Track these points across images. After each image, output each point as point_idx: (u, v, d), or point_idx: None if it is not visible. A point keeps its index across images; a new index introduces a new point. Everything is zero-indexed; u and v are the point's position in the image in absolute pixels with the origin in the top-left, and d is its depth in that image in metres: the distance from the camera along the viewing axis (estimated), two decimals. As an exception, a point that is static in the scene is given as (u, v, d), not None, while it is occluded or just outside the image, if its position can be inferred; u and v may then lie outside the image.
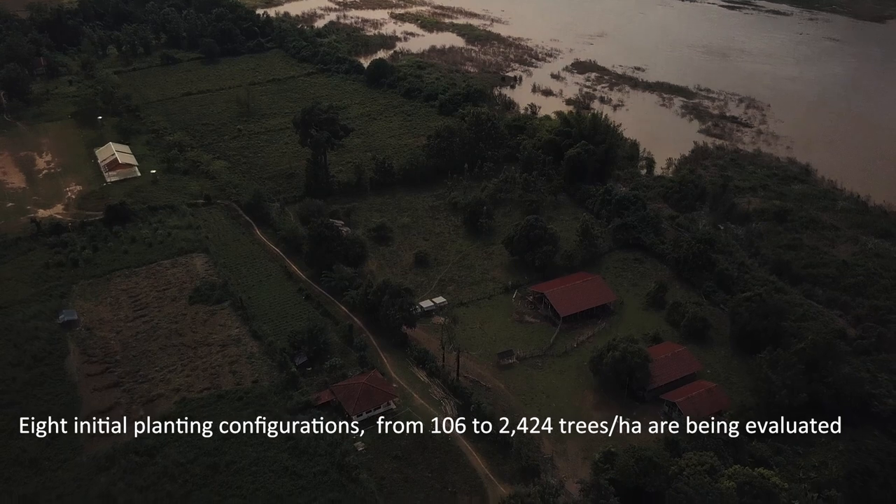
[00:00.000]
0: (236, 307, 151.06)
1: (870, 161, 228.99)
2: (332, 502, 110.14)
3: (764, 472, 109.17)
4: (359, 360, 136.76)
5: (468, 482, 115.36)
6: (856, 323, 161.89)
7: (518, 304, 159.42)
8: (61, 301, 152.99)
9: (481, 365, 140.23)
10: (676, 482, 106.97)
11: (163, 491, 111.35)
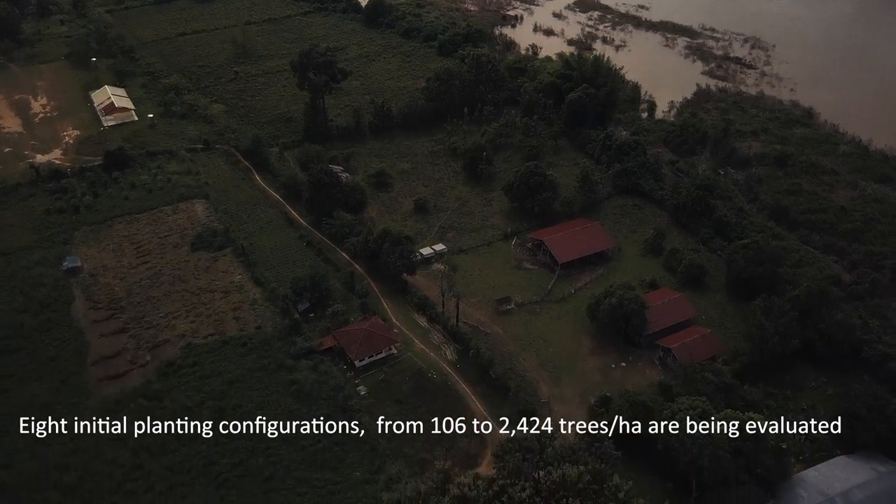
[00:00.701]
0: (238, 254, 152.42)
1: (874, 104, 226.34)
2: (336, 444, 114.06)
3: (754, 416, 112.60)
4: (360, 307, 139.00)
5: (467, 425, 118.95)
6: (851, 269, 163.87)
7: (517, 251, 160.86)
8: (64, 248, 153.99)
9: (480, 311, 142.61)
10: (670, 425, 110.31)
11: (171, 434, 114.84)
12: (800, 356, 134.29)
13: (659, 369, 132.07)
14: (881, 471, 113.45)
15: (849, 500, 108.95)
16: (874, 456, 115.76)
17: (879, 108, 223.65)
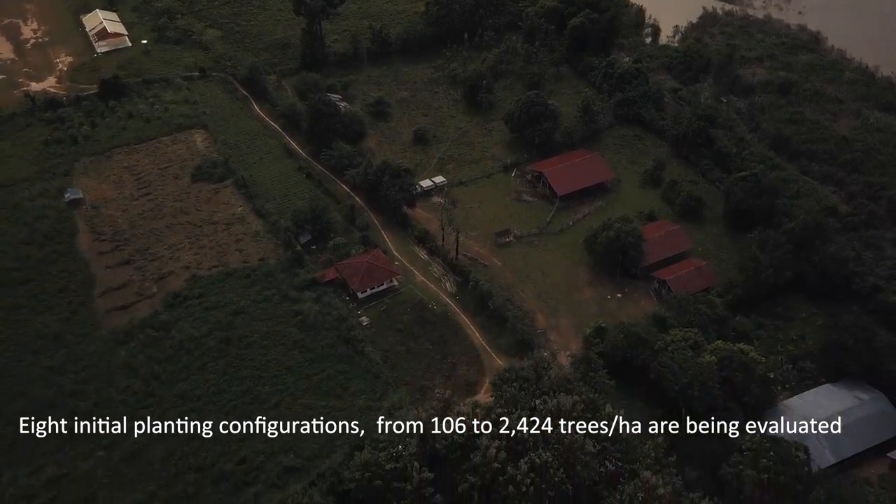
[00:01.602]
0: (239, 185, 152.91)
1: (884, 29, 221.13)
2: (341, 373, 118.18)
3: (743, 348, 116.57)
4: (361, 239, 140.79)
5: (466, 354, 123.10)
6: (849, 199, 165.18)
7: (516, 183, 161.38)
8: (65, 179, 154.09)
9: (480, 243, 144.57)
10: (661, 356, 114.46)
11: (180, 363, 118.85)
12: (792, 287, 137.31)
13: (654, 301, 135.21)
14: (864, 398, 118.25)
15: (830, 426, 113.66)
16: (858, 384, 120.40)
17: (888, 33, 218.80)
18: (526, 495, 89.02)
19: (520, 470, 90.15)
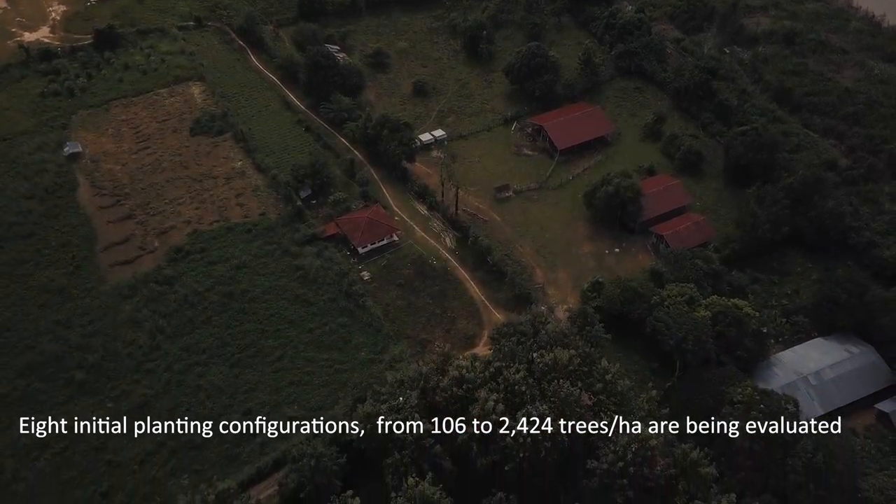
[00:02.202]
0: (238, 139, 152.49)
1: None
2: (342, 327, 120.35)
3: (738, 303, 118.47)
4: (361, 195, 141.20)
5: (466, 308, 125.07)
6: (849, 152, 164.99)
7: (516, 137, 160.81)
8: (63, 133, 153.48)
9: (479, 198, 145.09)
10: (657, 311, 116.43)
11: (184, 317, 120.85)
12: (789, 242, 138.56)
13: (651, 255, 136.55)
14: (854, 352, 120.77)
15: (820, 379, 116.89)
16: (849, 338, 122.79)
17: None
18: (523, 446, 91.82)
19: (517, 422, 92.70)
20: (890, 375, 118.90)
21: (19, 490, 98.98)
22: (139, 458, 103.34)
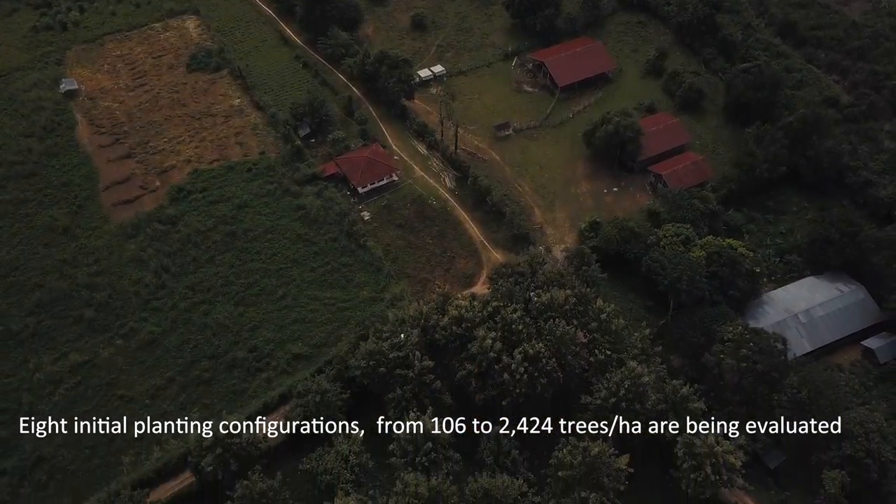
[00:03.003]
0: (235, 76, 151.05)
1: None
2: (344, 266, 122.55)
3: (732, 243, 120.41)
4: (360, 133, 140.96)
5: (465, 248, 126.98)
6: (851, 88, 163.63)
7: (517, 73, 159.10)
8: (58, 69, 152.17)
9: (479, 137, 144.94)
10: (653, 251, 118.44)
11: (188, 256, 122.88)
12: (786, 181, 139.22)
13: (649, 195, 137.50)
14: (844, 290, 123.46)
15: (810, 317, 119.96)
16: (839, 276, 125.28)
17: None
18: (520, 382, 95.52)
19: (514, 359, 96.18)
20: (877, 313, 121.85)
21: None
22: (150, 392, 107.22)
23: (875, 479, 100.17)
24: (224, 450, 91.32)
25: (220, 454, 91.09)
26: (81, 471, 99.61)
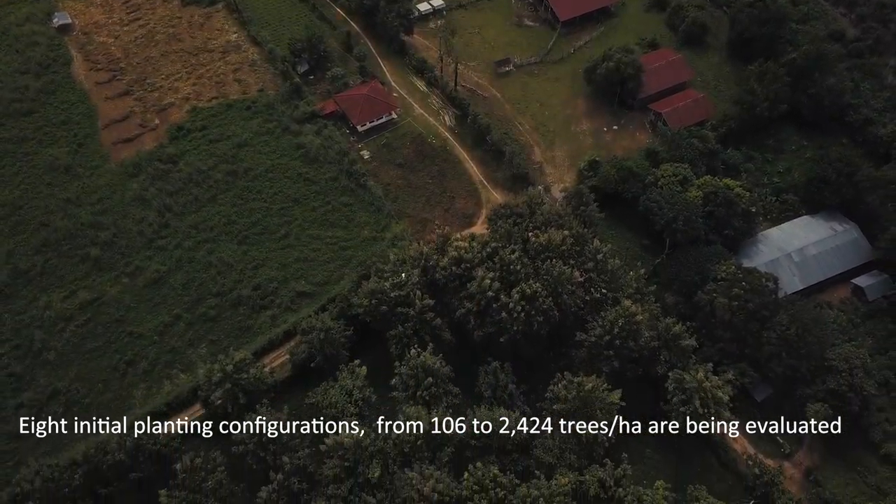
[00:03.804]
0: (231, 10, 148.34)
1: None
2: (345, 205, 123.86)
3: (729, 183, 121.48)
4: (359, 70, 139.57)
5: (464, 188, 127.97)
6: (858, 22, 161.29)
7: (517, 6, 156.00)
8: (50, 2, 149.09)
9: (479, 73, 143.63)
10: (650, 191, 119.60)
11: (190, 195, 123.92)
12: (786, 119, 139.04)
13: (649, 133, 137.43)
14: (838, 229, 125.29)
15: (803, 255, 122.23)
16: (834, 216, 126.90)
17: None
18: (517, 321, 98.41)
19: (512, 299, 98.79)
20: (869, 252, 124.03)
21: (50, 359, 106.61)
22: (158, 329, 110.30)
23: (856, 411, 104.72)
24: (233, 385, 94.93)
25: (229, 389, 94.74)
26: (95, 404, 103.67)
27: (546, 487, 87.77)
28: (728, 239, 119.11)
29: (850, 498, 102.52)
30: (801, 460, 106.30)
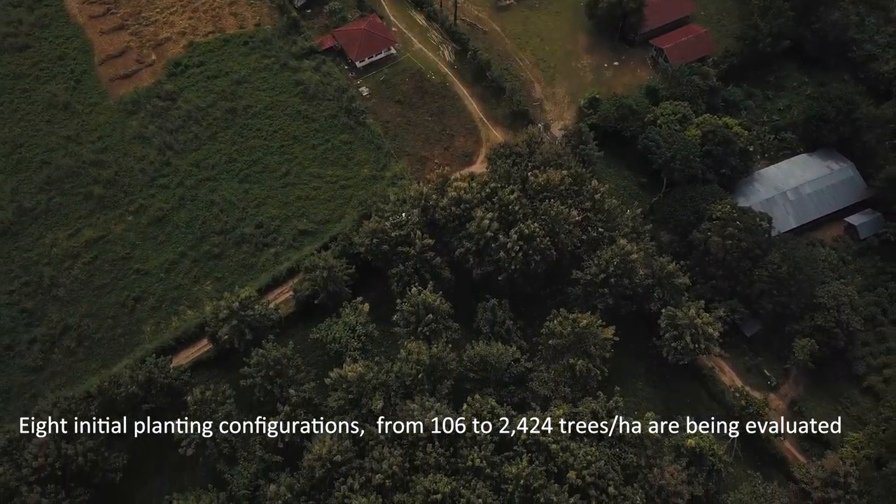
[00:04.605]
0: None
1: None
2: (344, 143, 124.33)
3: (728, 121, 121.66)
4: (357, 4, 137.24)
5: (464, 125, 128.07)
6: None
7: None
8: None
9: (479, 7, 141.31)
10: (650, 129, 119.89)
11: (190, 133, 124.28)
12: (788, 55, 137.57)
13: (650, 69, 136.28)
14: (834, 168, 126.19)
15: (798, 194, 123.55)
16: (831, 154, 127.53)
17: None
18: (515, 259, 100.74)
19: (510, 238, 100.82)
20: (864, 190, 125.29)
21: (60, 295, 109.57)
22: (164, 266, 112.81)
23: (842, 346, 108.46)
24: (239, 321, 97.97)
25: (236, 325, 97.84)
26: (106, 339, 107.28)
27: (541, 418, 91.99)
28: (725, 178, 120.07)
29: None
30: (787, 392, 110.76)
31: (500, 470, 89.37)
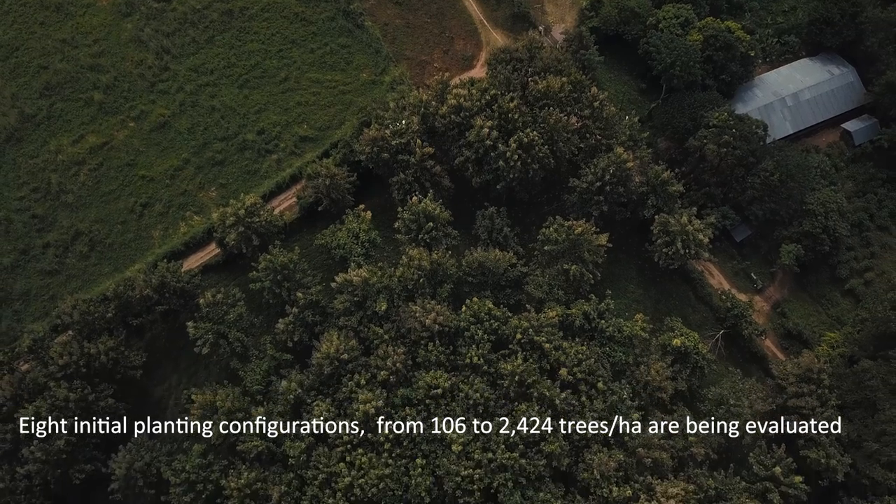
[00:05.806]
0: None
1: None
2: (343, 47, 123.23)
3: (731, 25, 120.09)
4: None
5: (464, 28, 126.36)
6: None
7: None
8: None
9: None
10: (651, 34, 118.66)
11: (187, 36, 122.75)
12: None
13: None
14: (835, 73, 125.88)
15: (797, 100, 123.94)
16: (833, 58, 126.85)
17: None
18: (513, 168, 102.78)
19: (509, 147, 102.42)
20: (863, 96, 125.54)
21: (69, 201, 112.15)
22: (169, 172, 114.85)
23: (827, 251, 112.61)
24: (245, 227, 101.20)
25: (243, 231, 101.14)
26: (117, 244, 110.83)
27: (535, 319, 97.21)
28: (724, 83, 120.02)
29: (810, 327, 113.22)
30: (772, 294, 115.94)
31: (496, 367, 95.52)
